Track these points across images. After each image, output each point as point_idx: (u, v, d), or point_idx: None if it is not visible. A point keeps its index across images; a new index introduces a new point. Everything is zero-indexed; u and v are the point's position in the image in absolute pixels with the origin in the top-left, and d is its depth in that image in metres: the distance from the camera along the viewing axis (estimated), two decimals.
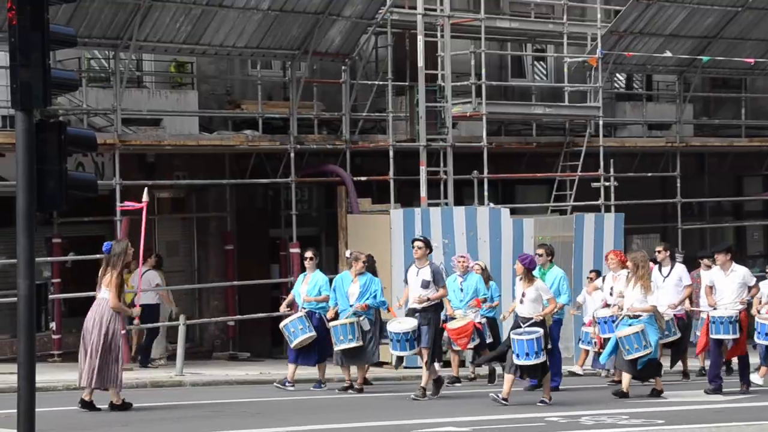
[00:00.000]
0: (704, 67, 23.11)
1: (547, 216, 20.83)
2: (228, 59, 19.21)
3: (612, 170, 21.29)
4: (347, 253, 14.83)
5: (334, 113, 19.62)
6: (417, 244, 13.20)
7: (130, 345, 16.81)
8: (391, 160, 19.07)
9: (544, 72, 23.82)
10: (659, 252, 15.33)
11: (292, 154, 18.63)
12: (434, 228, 18.19)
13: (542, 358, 12.22)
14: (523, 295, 12.42)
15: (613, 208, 21.06)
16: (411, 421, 10.74)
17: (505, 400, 12.05)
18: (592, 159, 21.28)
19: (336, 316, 13.89)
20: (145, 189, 14.45)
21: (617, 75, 24.21)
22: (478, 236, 18.53)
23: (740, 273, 13.67)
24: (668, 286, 14.95)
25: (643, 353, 13.02)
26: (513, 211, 19.70)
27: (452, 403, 12.81)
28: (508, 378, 12.31)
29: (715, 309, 13.61)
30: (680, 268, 15.17)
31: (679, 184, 22.92)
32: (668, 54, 21.83)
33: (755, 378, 14.42)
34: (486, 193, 19.77)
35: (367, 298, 13.76)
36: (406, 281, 13.42)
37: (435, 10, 19.59)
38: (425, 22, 19.18)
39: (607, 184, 21.28)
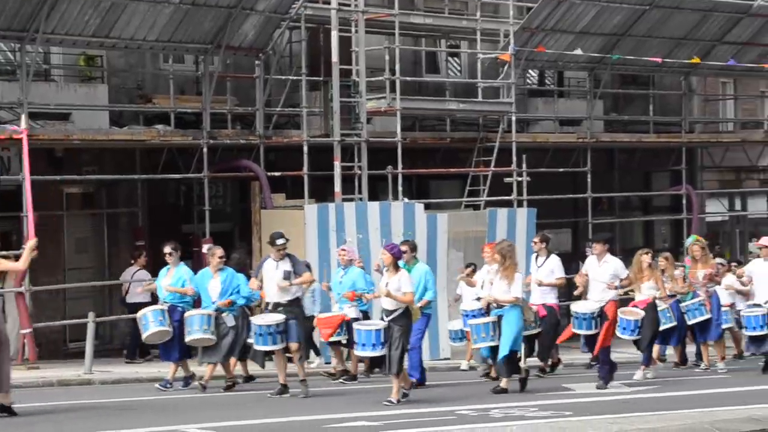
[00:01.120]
0: (614, 64, 23.52)
1: (461, 211, 21.01)
2: (139, 53, 18.97)
3: (524, 165, 21.56)
4: (205, 248, 14.35)
5: (248, 108, 19.51)
6: (279, 242, 12.83)
7: (38, 343, 16.53)
8: (305, 156, 19.03)
9: (458, 68, 23.99)
10: (534, 243, 15.25)
11: (205, 149, 18.48)
12: (348, 223, 18.22)
13: (383, 351, 11.89)
14: (387, 285, 12.12)
15: (525, 203, 21.33)
16: (322, 416, 10.74)
17: (406, 393, 11.92)
18: (504, 154, 21.51)
19: None
20: (23, 116, 14.19)
21: (529, 71, 24.50)
22: (392, 231, 18.59)
23: (612, 265, 13.52)
24: (540, 276, 14.91)
25: (489, 344, 12.90)
26: (427, 206, 19.80)
27: (356, 397, 12.78)
28: (394, 380, 11.99)
29: (585, 300, 13.57)
30: (554, 260, 15.01)
31: (589, 180, 23.29)
32: (579, 51, 22.14)
33: (638, 375, 14.51)
34: (400, 188, 19.86)
35: (231, 294, 13.49)
36: (256, 275, 13.03)
37: (349, 5, 19.61)
38: (339, 18, 19.18)
39: (519, 179, 21.55)
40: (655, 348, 16.01)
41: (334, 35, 18.92)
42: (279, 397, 12.70)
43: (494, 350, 13.21)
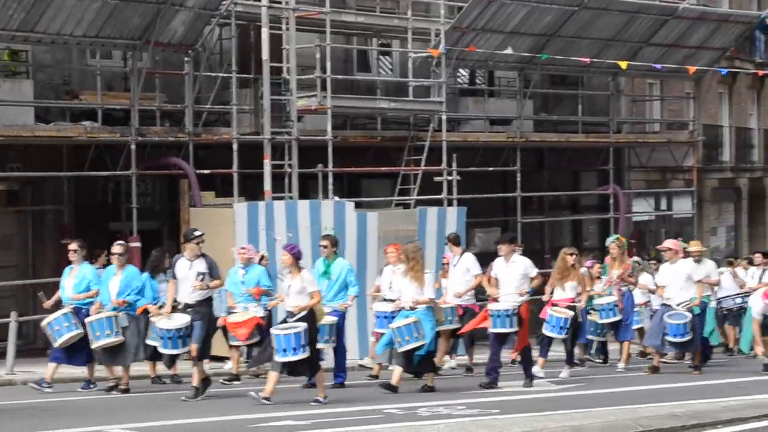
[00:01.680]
0: (543, 64, 23.73)
1: (391, 210, 21.04)
2: (65, 48, 18.68)
3: (454, 164, 21.67)
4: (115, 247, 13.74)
5: (177, 105, 19.33)
6: (197, 233, 12.60)
7: None
8: (235, 153, 18.91)
9: (389, 66, 24.03)
10: (446, 244, 15.29)
11: (133, 147, 18.27)
12: (278, 222, 18.14)
13: (306, 354, 11.67)
14: (289, 287, 11.92)
15: (455, 202, 21.44)
16: (248, 416, 10.68)
17: (267, 399, 11.49)
18: (435, 153, 21.60)
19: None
20: None
21: (460, 70, 24.62)
22: (323, 229, 18.53)
23: (521, 264, 13.52)
24: (455, 275, 14.95)
25: (416, 344, 12.82)
26: (358, 205, 19.80)
27: (276, 397, 12.66)
28: (272, 376, 11.72)
29: (497, 301, 13.50)
30: (469, 258, 15.02)
31: (519, 179, 23.48)
32: (509, 51, 22.30)
33: (536, 370, 14.42)
34: (331, 187, 19.84)
35: (128, 294, 13.17)
36: (174, 276, 12.59)
37: (280, 2, 19.53)
38: (270, 15, 19.08)
39: (449, 178, 21.65)
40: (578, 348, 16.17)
41: (265, 32, 18.82)
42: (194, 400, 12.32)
43: (408, 352, 12.92)
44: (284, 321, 12.06)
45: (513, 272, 13.43)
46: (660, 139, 28.38)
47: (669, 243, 15.83)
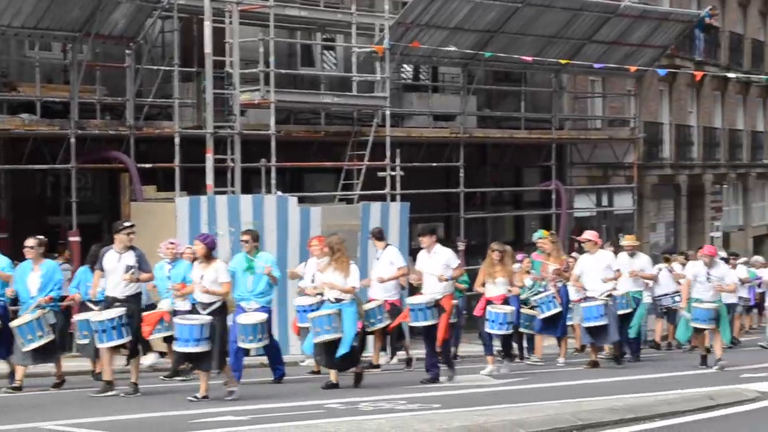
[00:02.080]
0: (487, 61, 23.83)
1: (335, 205, 21.01)
2: (3, 39, 18.37)
3: (398, 160, 21.69)
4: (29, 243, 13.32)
5: (118, 98, 19.12)
6: (127, 223, 12.40)
7: None
8: (177, 147, 18.75)
9: (333, 61, 23.97)
10: (369, 237, 15.14)
11: (73, 140, 18.04)
12: (220, 216, 18.04)
13: (206, 347, 11.47)
14: (201, 277, 11.65)
15: (398, 198, 21.46)
16: (186, 412, 10.60)
17: (205, 397, 11.47)
18: (379, 148, 21.60)
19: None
20: None
21: (404, 66, 24.65)
22: (265, 224, 18.49)
23: (443, 255, 13.38)
24: (380, 269, 14.76)
25: (331, 337, 12.52)
26: (301, 200, 19.74)
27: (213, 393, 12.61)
28: (203, 375, 11.57)
29: (420, 294, 13.43)
30: (392, 251, 14.90)
31: (462, 175, 23.57)
32: (453, 47, 22.37)
33: (490, 369, 14.45)
34: (274, 182, 19.75)
35: (51, 290, 12.87)
36: (101, 268, 12.25)
37: None
38: (213, 8, 18.93)
39: (393, 173, 21.67)
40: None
41: (208, 26, 18.67)
42: (106, 396, 12.08)
43: (328, 345, 12.76)
44: (194, 312, 11.78)
45: (435, 263, 13.31)
46: (601, 136, 28.67)
47: (588, 234, 15.79)
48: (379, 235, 15.41)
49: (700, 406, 11.00)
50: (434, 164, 23.37)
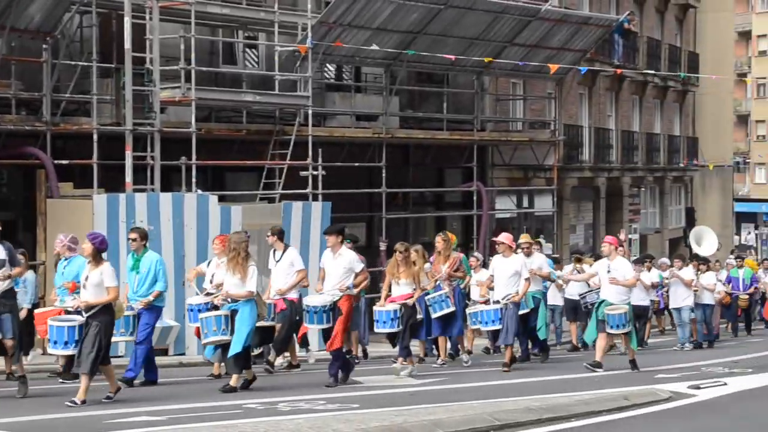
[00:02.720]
0: (410, 62, 23.91)
1: (256, 204, 20.89)
2: None
3: (320, 159, 21.64)
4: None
5: (34, 93, 18.73)
6: None
7: None
8: (95, 144, 18.45)
9: (255, 60, 23.83)
10: (268, 237, 14.70)
11: None
12: (139, 214, 17.81)
13: (71, 350, 11.09)
14: (87, 278, 11.30)
15: (320, 197, 21.41)
16: (100, 412, 10.44)
17: (83, 402, 10.97)
18: (301, 148, 21.52)
19: None
20: None
21: (327, 66, 24.60)
22: (185, 223, 18.32)
23: (347, 258, 13.19)
24: (279, 270, 14.41)
25: (221, 339, 12.31)
26: (221, 198, 19.58)
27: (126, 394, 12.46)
28: (83, 381, 11.12)
29: (320, 294, 13.16)
30: (292, 253, 14.59)
31: (384, 175, 23.60)
32: (375, 47, 22.39)
33: (403, 372, 14.08)
34: (194, 180, 19.55)
35: None
36: None
37: None
38: (133, 4, 18.66)
39: (315, 173, 21.61)
40: (420, 345, 16.11)
41: (127, 22, 18.41)
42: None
43: (223, 347, 12.54)
44: (78, 313, 11.42)
45: (338, 265, 13.12)
46: (522, 138, 28.95)
47: (503, 237, 15.74)
48: (280, 235, 14.90)
49: (616, 406, 11.16)
50: (356, 164, 23.36)
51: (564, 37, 26.63)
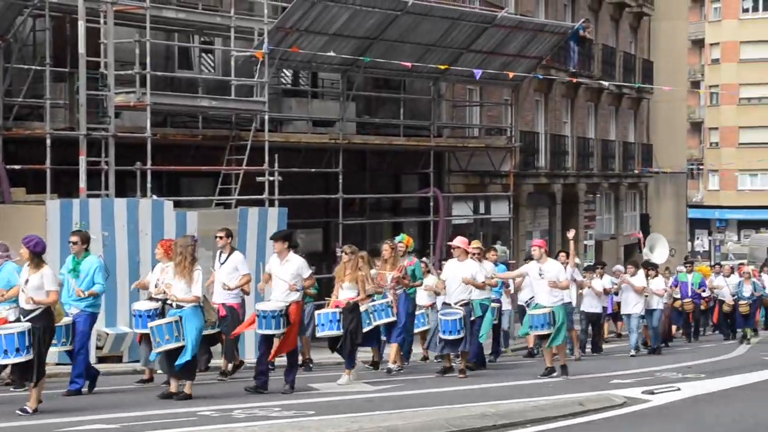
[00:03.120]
0: (366, 67, 23.91)
1: (212, 209, 20.78)
2: None
3: (276, 165, 21.57)
4: None
5: None
6: None
7: None
8: (48, 149, 18.26)
9: (212, 65, 23.71)
10: (219, 239, 14.61)
11: None
12: (93, 220, 17.62)
13: (29, 356, 10.80)
14: (26, 282, 11.03)
15: (276, 203, 21.33)
16: (54, 420, 10.31)
17: (35, 410, 10.79)
18: (257, 153, 21.43)
19: None
20: None
21: (284, 71, 24.54)
22: (140, 228, 18.17)
23: (295, 264, 13.06)
24: (223, 275, 14.33)
25: (175, 345, 12.10)
26: (177, 204, 19.44)
27: (90, 401, 12.35)
28: (32, 389, 10.95)
29: (269, 300, 13.13)
30: (238, 257, 14.53)
31: (341, 180, 23.57)
32: (332, 53, 22.37)
33: (343, 380, 13.94)
34: (149, 185, 19.41)
35: None
36: None
37: None
38: (87, 8, 18.51)
39: (271, 178, 21.54)
40: (374, 351, 15.94)
41: (81, 26, 18.25)
42: None
43: (171, 353, 12.33)
44: (17, 320, 11.21)
45: (286, 271, 12.99)
46: (479, 144, 29.04)
47: (457, 241, 15.65)
48: (231, 237, 14.82)
49: (571, 412, 11.22)
50: (313, 170, 23.31)
51: (520, 44, 26.76)
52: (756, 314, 26.24)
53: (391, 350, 16.42)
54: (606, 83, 34.66)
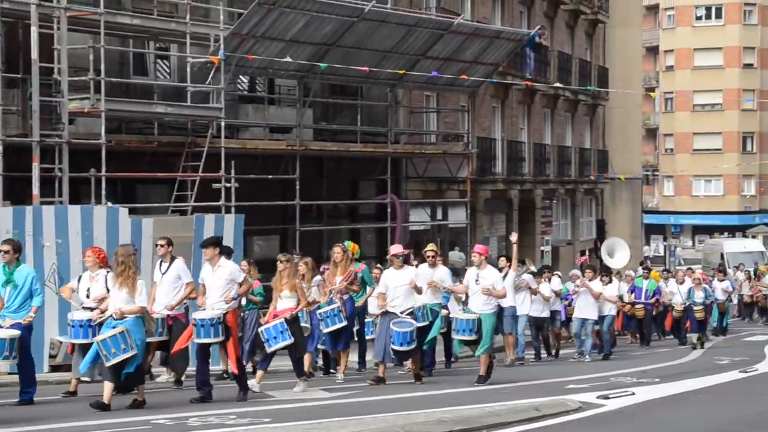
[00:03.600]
0: (323, 74, 23.89)
1: (167, 216, 20.64)
2: None
3: (233, 171, 21.48)
4: None
5: None
6: None
7: None
8: (0, 156, 18.04)
9: (168, 71, 23.57)
10: (160, 247, 14.40)
11: None
12: (47, 227, 17.46)
13: None
14: None
15: (233, 210, 21.24)
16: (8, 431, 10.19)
17: None
18: (213, 160, 21.34)
19: None
20: None
21: (240, 77, 24.45)
22: (94, 236, 18.00)
23: (227, 269, 12.83)
24: (165, 284, 14.11)
25: (127, 356, 11.76)
26: (132, 211, 19.30)
27: (40, 409, 12.20)
28: None
29: (203, 309, 12.80)
30: (179, 265, 14.28)
31: (298, 187, 23.52)
32: (289, 59, 22.32)
33: (253, 384, 13.56)
34: (104, 192, 19.25)
35: None
36: None
37: (51, 0, 18.79)
38: (40, 13, 18.36)
39: (228, 185, 21.45)
40: (307, 358, 15.45)
41: (34, 31, 18.09)
42: None
43: (116, 364, 11.83)
44: None
45: (219, 277, 12.74)
46: (436, 151, 29.12)
47: (394, 248, 15.47)
48: (171, 245, 14.59)
49: (527, 417, 11.26)
50: (270, 176, 23.23)
51: (477, 51, 26.88)
52: (708, 320, 26.46)
53: (340, 358, 16.27)
54: (560, 85, 34.86)
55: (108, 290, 12.47)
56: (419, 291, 15.31)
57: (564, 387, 14.65)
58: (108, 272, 12.67)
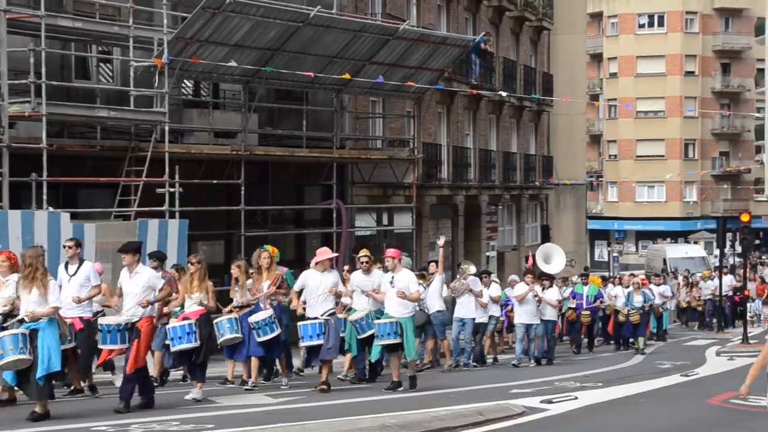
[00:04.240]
0: (268, 78, 23.79)
1: (110, 221, 20.43)
2: None
3: (177, 176, 21.30)
4: None
5: None
6: None
7: None
8: None
9: (110, 74, 23.33)
10: (68, 248, 14.06)
11: None
12: None
13: None
14: None
15: (177, 215, 21.06)
16: None
17: None
18: (157, 165, 21.13)
19: None
20: None
21: (185, 81, 24.27)
22: (35, 241, 17.74)
23: (145, 276, 12.66)
24: (74, 286, 13.83)
25: (20, 357, 11.36)
26: (74, 216, 19.07)
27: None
28: None
29: (120, 314, 12.58)
30: (88, 267, 14.00)
31: (243, 192, 23.39)
32: (233, 63, 22.20)
33: (195, 394, 13.39)
34: (45, 197, 18.99)
35: None
36: None
37: None
38: None
39: (172, 190, 21.25)
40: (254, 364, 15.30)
41: None
42: None
43: (26, 371, 11.55)
44: None
45: (136, 284, 12.55)
46: (382, 156, 29.13)
47: (321, 252, 15.29)
48: (81, 247, 14.35)
49: (471, 422, 11.29)
50: (215, 181, 23.07)
51: (422, 57, 26.94)
52: (648, 324, 26.71)
53: (280, 363, 16.13)
54: (504, 94, 35.09)
55: (18, 296, 12.06)
56: (338, 296, 15.22)
57: (508, 392, 14.71)
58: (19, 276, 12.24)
